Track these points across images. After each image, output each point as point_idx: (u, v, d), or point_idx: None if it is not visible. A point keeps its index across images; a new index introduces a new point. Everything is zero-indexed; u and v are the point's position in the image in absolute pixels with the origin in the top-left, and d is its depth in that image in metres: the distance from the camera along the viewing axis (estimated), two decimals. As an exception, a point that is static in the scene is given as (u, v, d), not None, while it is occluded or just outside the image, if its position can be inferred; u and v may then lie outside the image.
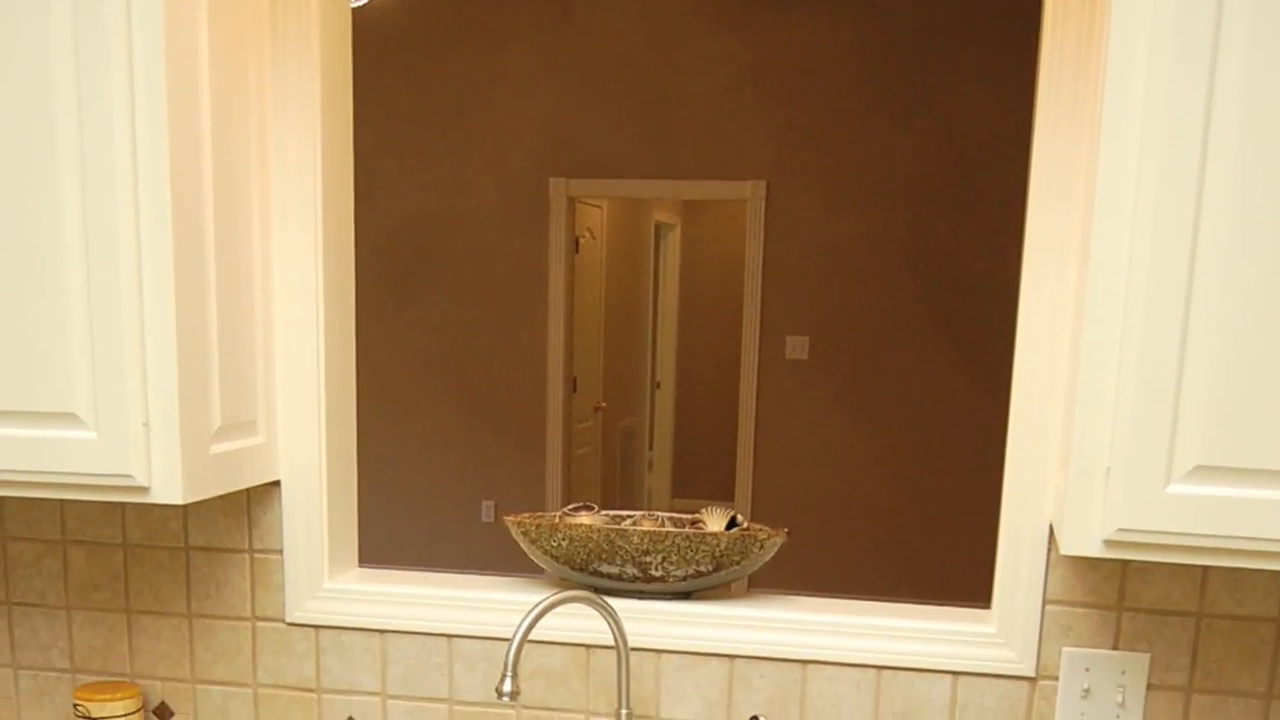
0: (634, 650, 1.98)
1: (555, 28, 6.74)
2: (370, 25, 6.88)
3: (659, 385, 10.05)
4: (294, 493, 2.04)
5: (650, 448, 9.96)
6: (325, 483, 2.03)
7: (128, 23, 1.60)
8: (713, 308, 10.07)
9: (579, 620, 1.98)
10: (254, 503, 2.06)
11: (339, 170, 2.01)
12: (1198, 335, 1.39)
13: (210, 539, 2.08)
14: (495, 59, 6.83)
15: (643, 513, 2.08)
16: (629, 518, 2.06)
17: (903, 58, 6.36)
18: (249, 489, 2.05)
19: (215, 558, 2.09)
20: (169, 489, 1.70)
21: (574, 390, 7.41)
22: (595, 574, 1.98)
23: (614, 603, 1.97)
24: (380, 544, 7.12)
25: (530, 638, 1.99)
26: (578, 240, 7.30)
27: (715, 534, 1.92)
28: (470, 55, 6.85)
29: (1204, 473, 1.42)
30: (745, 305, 6.83)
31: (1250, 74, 1.34)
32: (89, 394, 1.67)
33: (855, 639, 1.91)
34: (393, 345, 7.18)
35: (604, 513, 2.08)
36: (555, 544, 1.97)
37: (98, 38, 1.59)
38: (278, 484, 2.04)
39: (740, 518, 2.02)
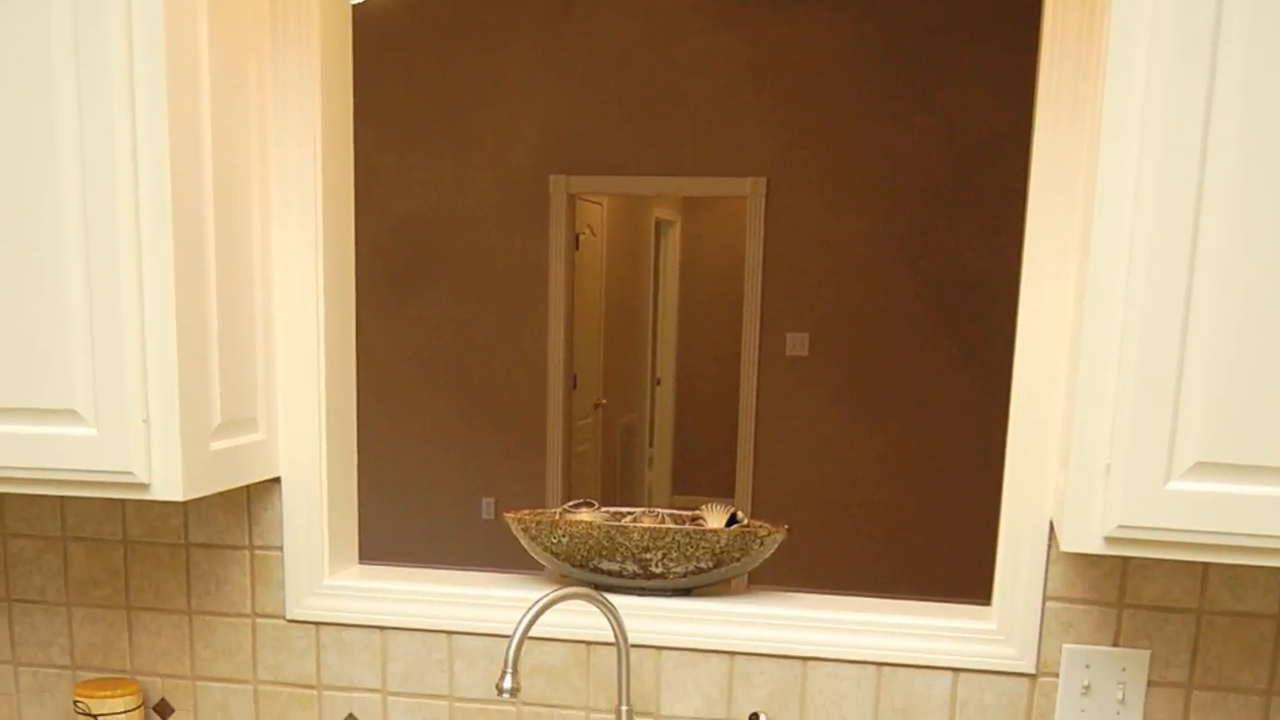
0: (634, 647, 1.98)
1: (555, 25, 6.74)
2: (370, 23, 6.88)
3: (659, 382, 10.05)
4: (294, 489, 2.04)
5: (650, 444, 9.96)
6: (325, 479, 2.03)
7: (128, 21, 1.59)
8: (713, 304, 10.07)
9: (579, 617, 1.98)
10: (254, 499, 2.06)
11: (339, 168, 2.01)
12: (1198, 332, 1.39)
13: (210, 536, 2.08)
14: (495, 56, 6.83)
15: (643, 509, 2.08)
16: (629, 514, 2.06)
17: (903, 55, 6.36)
18: (249, 486, 2.05)
19: (215, 554, 2.09)
20: (169, 486, 1.70)
21: (574, 387, 7.41)
22: (595, 571, 1.98)
23: (614, 599, 1.97)
24: (381, 541, 7.13)
25: (531, 634, 1.99)
26: (578, 237, 7.30)
27: (715, 531, 1.92)
28: (470, 52, 6.85)
29: (1204, 469, 1.42)
30: (745, 302, 6.83)
31: (1250, 70, 1.34)
32: (89, 391, 1.67)
33: (855, 636, 1.91)
34: (393, 342, 7.18)
35: (604, 509, 2.08)
36: (555, 541, 1.97)
37: (98, 35, 1.59)
38: (278, 481, 2.04)
39: (740, 514, 2.02)
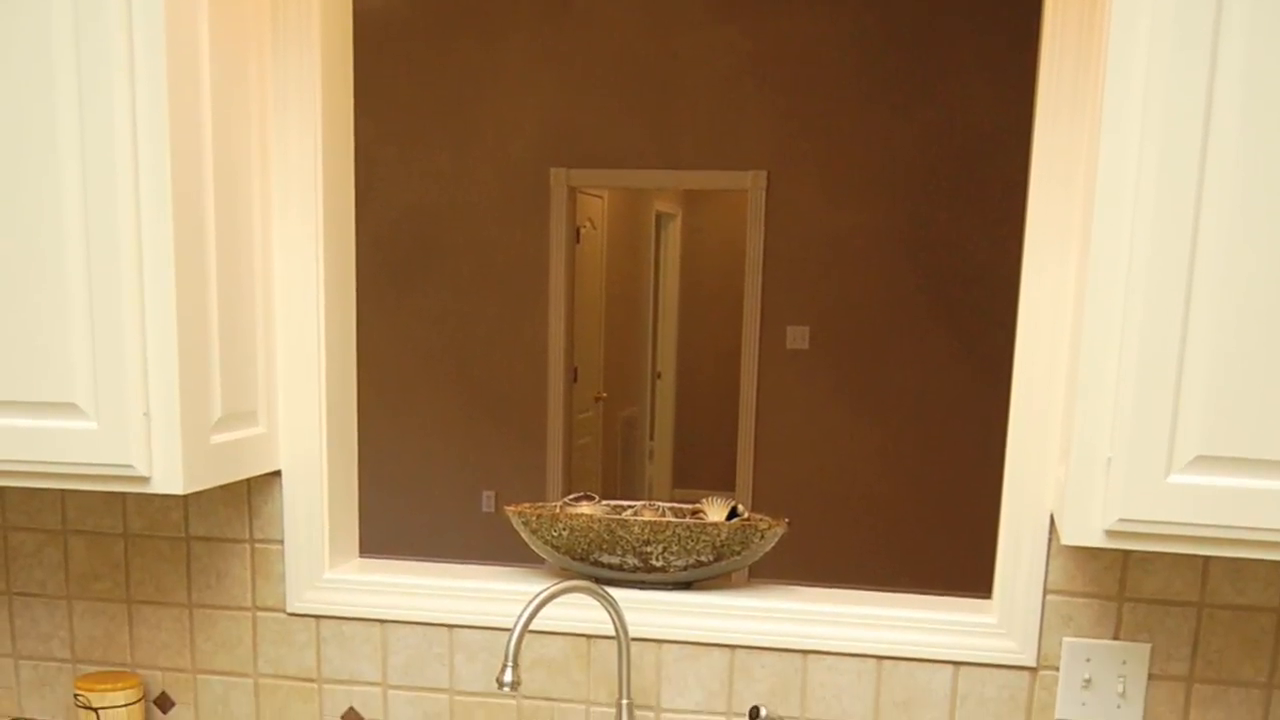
0: (635, 640, 1.98)
1: (555, 18, 6.73)
2: (371, 15, 6.88)
3: (660, 375, 10.05)
4: (295, 483, 2.04)
5: (651, 438, 9.96)
6: (326, 473, 2.03)
7: (128, 14, 1.59)
8: (713, 298, 10.07)
9: (580, 610, 1.98)
10: (255, 493, 2.06)
11: (339, 161, 2.01)
12: (1199, 325, 1.39)
13: (211, 529, 2.08)
14: (496, 49, 6.82)
15: (643, 503, 2.08)
16: (630, 508, 2.06)
17: (903, 47, 6.35)
18: (250, 479, 2.05)
19: (216, 548, 2.09)
20: (170, 479, 1.70)
21: (575, 380, 7.41)
22: (596, 564, 1.98)
23: (615, 593, 1.97)
24: (381, 534, 7.14)
25: (531, 628, 1.99)
26: (578, 230, 7.30)
27: (716, 524, 1.92)
28: (471, 45, 6.84)
29: (1205, 463, 1.42)
30: (746, 295, 6.83)
31: (1251, 61, 1.34)
32: (90, 384, 1.67)
33: (856, 629, 1.91)
34: (393, 336, 7.17)
35: (605, 503, 2.08)
36: (556, 534, 1.97)
37: (98, 29, 1.59)
38: (278, 474, 2.04)
39: (741, 508, 2.02)
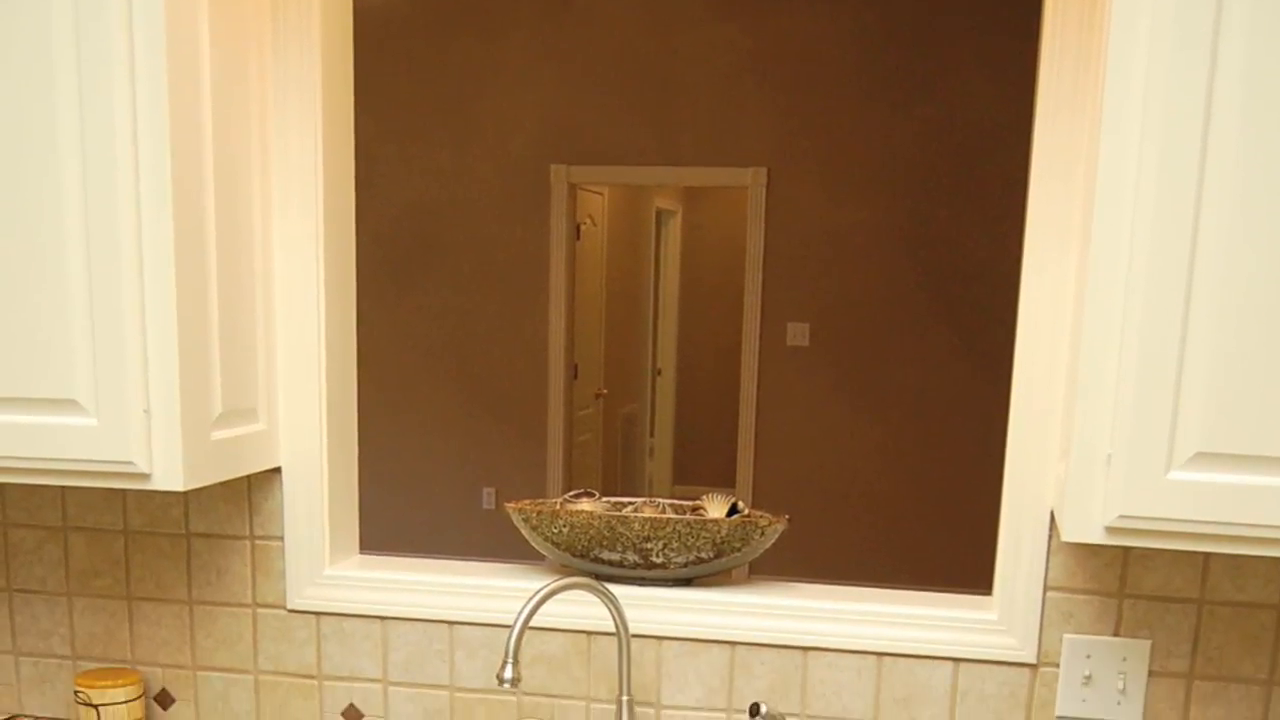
0: (635, 637, 1.98)
1: (556, 15, 6.73)
2: (371, 12, 6.88)
3: (660, 372, 10.05)
4: (295, 479, 2.04)
5: (651, 434, 9.96)
6: (326, 469, 2.03)
7: (129, 12, 1.59)
8: (714, 294, 10.06)
9: (580, 607, 1.98)
10: (255, 489, 2.06)
11: (340, 158, 2.01)
12: (1199, 321, 1.39)
13: (211, 525, 2.08)
14: (496, 46, 6.82)
15: (644, 499, 2.08)
16: (630, 504, 2.06)
17: (903, 45, 6.35)
18: (250, 475, 2.05)
19: (216, 544, 2.09)
20: (170, 475, 1.70)
21: (575, 377, 7.41)
22: (596, 561, 1.98)
23: (615, 589, 1.98)
24: (381, 531, 7.14)
25: (531, 624, 1.99)
26: (579, 227, 7.30)
27: (716, 521, 1.93)
28: (471, 42, 6.84)
29: (1205, 459, 1.42)
30: (746, 292, 6.83)
31: (1251, 59, 1.34)
32: (90, 381, 1.68)
33: (856, 626, 1.92)
34: (393, 333, 7.17)
35: (605, 499, 2.08)
36: (556, 531, 1.97)
37: (99, 26, 1.59)
38: (279, 471, 2.04)
39: (741, 504, 2.02)
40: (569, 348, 7.15)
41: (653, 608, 1.97)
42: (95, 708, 2.01)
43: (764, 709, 1.80)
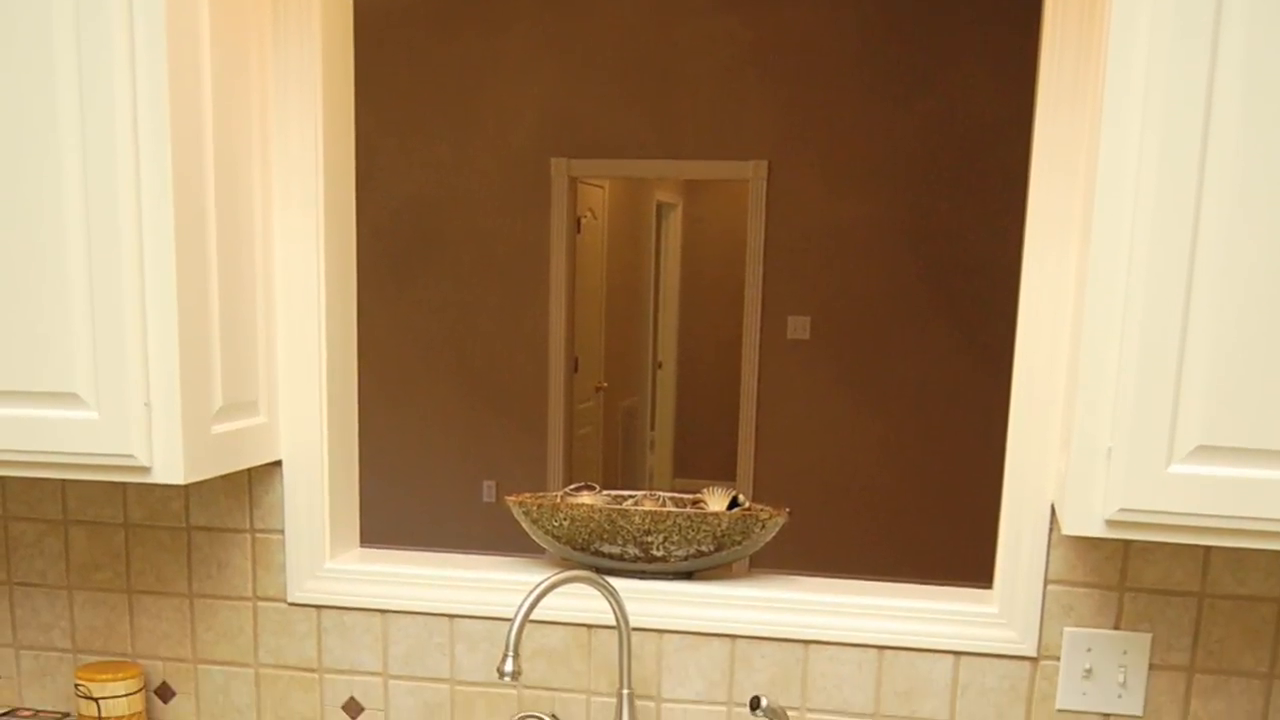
0: (635, 630, 1.98)
1: (556, 7, 6.72)
2: (371, 5, 6.87)
3: (660, 365, 10.05)
4: (295, 473, 2.04)
5: (652, 428, 9.96)
6: (326, 463, 2.03)
7: (129, 3, 1.59)
8: (714, 288, 10.06)
9: (580, 600, 1.98)
10: (255, 483, 2.06)
11: (340, 151, 2.01)
12: (1199, 315, 1.39)
13: (212, 519, 2.08)
14: (497, 39, 6.81)
15: (644, 493, 2.08)
16: (630, 498, 2.06)
17: (904, 37, 6.35)
18: (250, 469, 2.05)
19: (217, 538, 2.09)
20: (170, 469, 1.70)
21: (575, 370, 7.41)
22: (597, 554, 1.98)
23: (615, 583, 1.98)
24: (381, 524, 7.14)
25: (532, 618, 1.99)
26: (579, 220, 7.30)
27: (717, 514, 1.92)
28: (472, 35, 6.83)
29: (1206, 453, 1.42)
30: (747, 285, 6.83)
31: (1252, 51, 1.33)
32: (90, 374, 1.67)
33: (857, 619, 1.91)
34: (394, 326, 7.17)
35: (605, 493, 2.08)
36: (557, 524, 1.97)
37: (99, 17, 1.58)
38: (279, 464, 2.04)
39: (742, 498, 2.02)
40: (569, 341, 7.15)
41: (653, 601, 1.97)
42: (95, 701, 2.01)
43: (764, 702, 1.79)
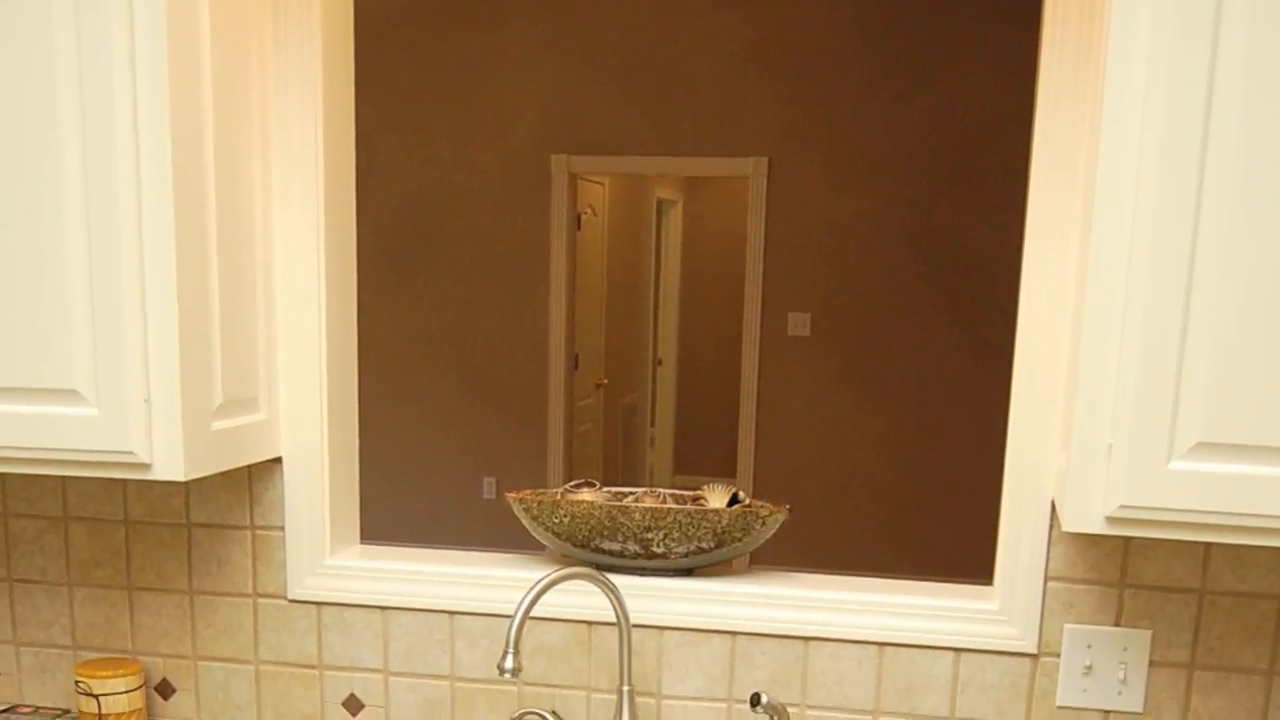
0: (636, 627, 1.98)
1: (556, 4, 6.72)
2: (371, 2, 6.87)
3: (661, 362, 10.05)
4: (295, 469, 2.04)
5: (652, 424, 9.96)
6: (327, 459, 2.03)
7: (129, 1, 1.59)
8: (714, 284, 10.06)
9: (581, 597, 1.98)
10: (255, 479, 2.06)
11: (341, 148, 2.01)
12: (1200, 312, 1.39)
13: (212, 515, 2.08)
14: (497, 36, 6.81)
15: (644, 489, 2.08)
16: (631, 494, 2.06)
17: (904, 34, 6.34)
18: (250, 466, 2.05)
19: (217, 534, 2.09)
20: (170, 465, 1.70)
21: (575, 367, 7.41)
22: (597, 551, 1.98)
23: (616, 579, 1.98)
24: (382, 521, 7.15)
25: (532, 614, 1.99)
26: (579, 217, 7.29)
27: (717, 511, 1.93)
28: (472, 32, 6.83)
29: (1206, 449, 1.42)
30: (747, 282, 6.82)
31: (1252, 50, 1.33)
32: (90, 371, 1.67)
33: (857, 616, 1.91)
34: (394, 323, 7.17)
35: (606, 489, 2.08)
36: (557, 521, 1.97)
37: (99, 14, 1.58)
38: (279, 461, 2.04)
39: (742, 494, 2.02)
40: (570, 338, 7.15)
41: (653, 598, 1.97)
42: (96, 698, 2.02)
43: (765, 699, 1.80)
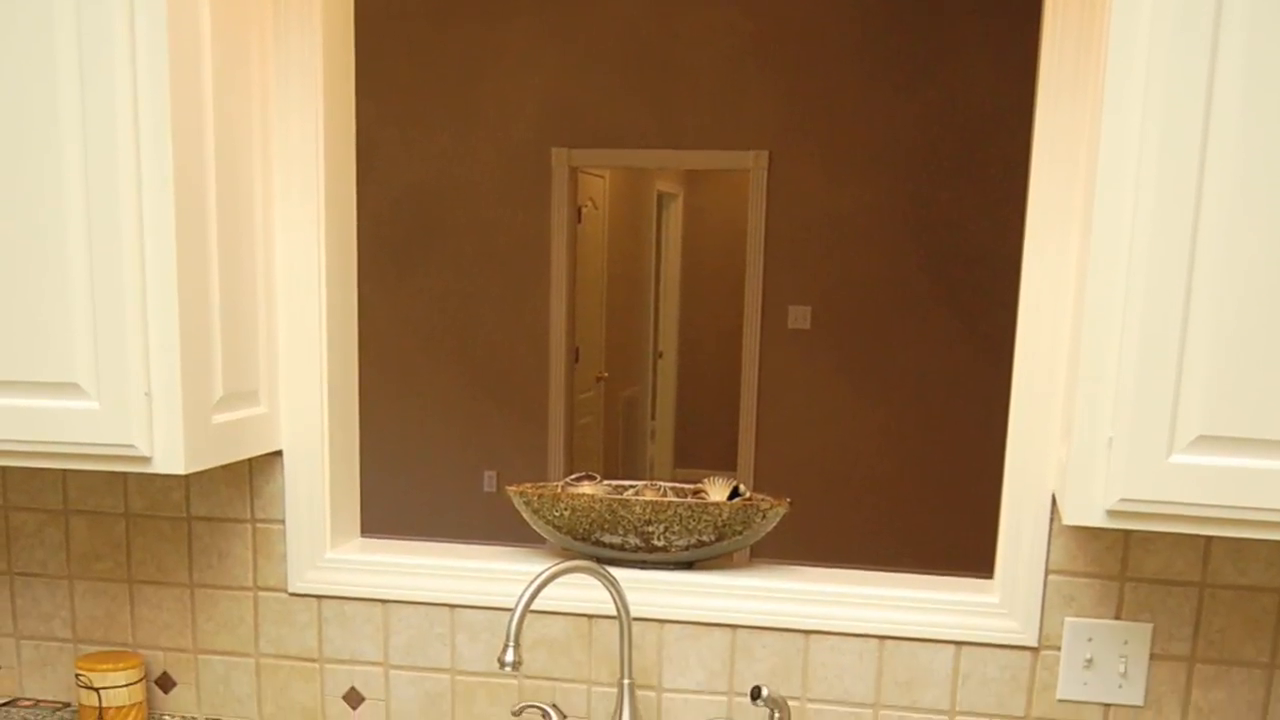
0: (636, 620, 1.98)
1: (557, -3, 6.72)
2: (371, -6, 6.87)
3: (661, 355, 10.05)
4: (296, 463, 2.04)
5: (652, 418, 9.96)
6: (327, 453, 2.03)
7: (128, -8, 1.59)
8: (715, 277, 10.06)
9: (581, 590, 1.98)
10: (256, 473, 2.06)
11: (341, 142, 2.00)
12: (1200, 305, 1.39)
13: (212, 509, 2.08)
14: (498, 29, 6.80)
15: (645, 483, 2.08)
16: (631, 488, 2.06)
17: (905, 27, 6.34)
18: (251, 459, 2.05)
19: (217, 528, 2.09)
20: (171, 459, 1.70)
21: (576, 360, 7.41)
22: (597, 544, 1.98)
23: (616, 573, 1.98)
24: (382, 514, 7.14)
25: (532, 608, 1.99)
26: (580, 210, 7.29)
27: (717, 504, 1.92)
28: (472, 25, 6.82)
29: (1207, 443, 1.42)
30: (747, 275, 6.82)
31: (1252, 41, 1.33)
32: (91, 364, 1.67)
33: (858, 609, 1.92)
34: (395, 316, 7.17)
35: (606, 483, 2.08)
36: (557, 514, 1.97)
37: (100, 10, 1.58)
38: (280, 454, 2.04)
39: (742, 488, 2.02)
40: (570, 331, 7.15)
41: (654, 591, 1.97)
42: (96, 691, 2.02)
43: (765, 692, 1.80)
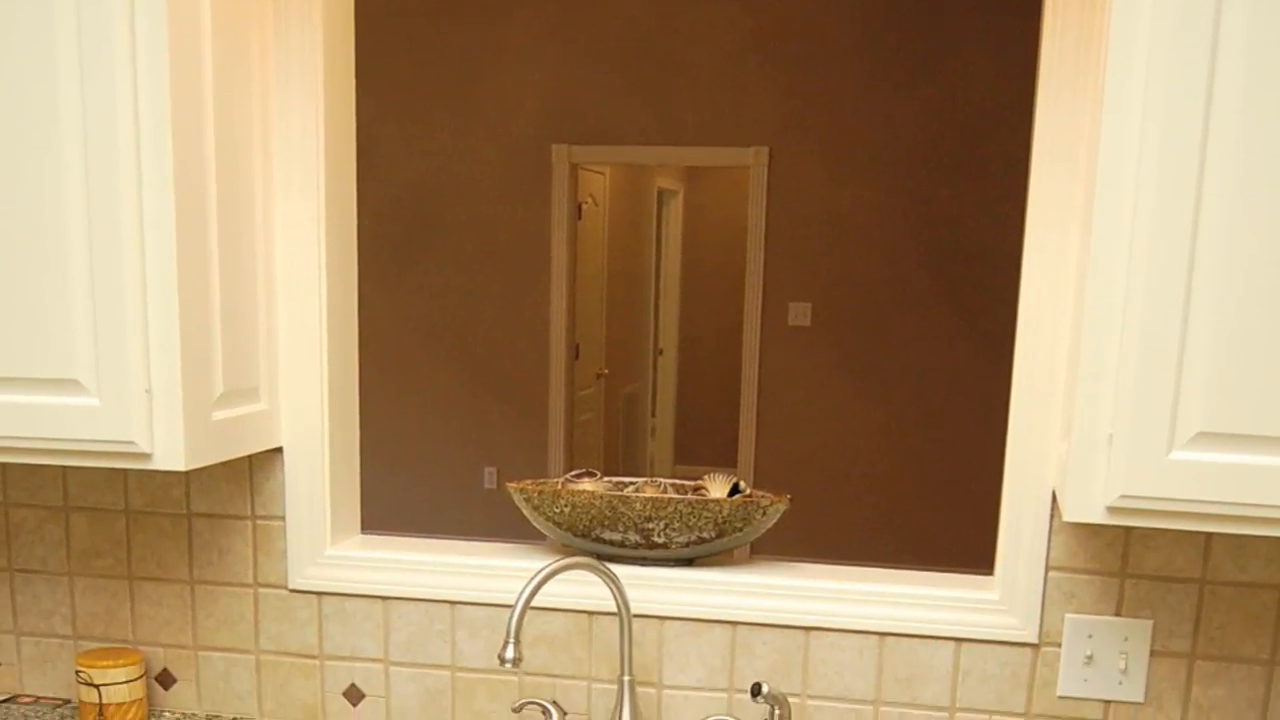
0: (636, 617, 1.98)
1: (557, -7, 6.72)
2: (371, -9, 6.86)
3: (661, 352, 10.05)
4: (296, 459, 2.04)
5: (653, 414, 9.96)
6: (328, 449, 2.03)
7: (128, -11, 1.59)
8: (715, 274, 10.06)
9: (581, 587, 1.98)
10: (256, 469, 2.06)
11: (341, 139, 2.00)
12: (1200, 302, 1.39)
13: (213, 505, 2.08)
14: (498, 26, 6.80)
15: (645, 479, 2.08)
16: (631, 484, 2.06)
17: (905, 24, 6.33)
18: (251, 455, 2.05)
19: (218, 524, 2.09)
20: (171, 455, 1.70)
21: (576, 357, 7.41)
22: (598, 540, 1.98)
23: (616, 569, 1.98)
24: (382, 511, 7.15)
25: (533, 604, 1.99)
26: (580, 207, 7.29)
27: (718, 500, 1.92)
28: (473, 22, 6.82)
29: (1207, 439, 1.42)
30: (748, 272, 6.82)
31: (1253, 39, 1.33)
32: (91, 361, 1.67)
33: (858, 606, 1.92)
34: (395, 313, 7.17)
35: (606, 479, 2.08)
36: (558, 510, 1.97)
37: (100, 7, 1.58)
38: (280, 450, 2.04)
39: (743, 484, 2.02)
40: (570, 328, 7.15)
41: (654, 588, 1.97)
42: (96, 687, 2.02)
43: (765, 689, 1.80)
